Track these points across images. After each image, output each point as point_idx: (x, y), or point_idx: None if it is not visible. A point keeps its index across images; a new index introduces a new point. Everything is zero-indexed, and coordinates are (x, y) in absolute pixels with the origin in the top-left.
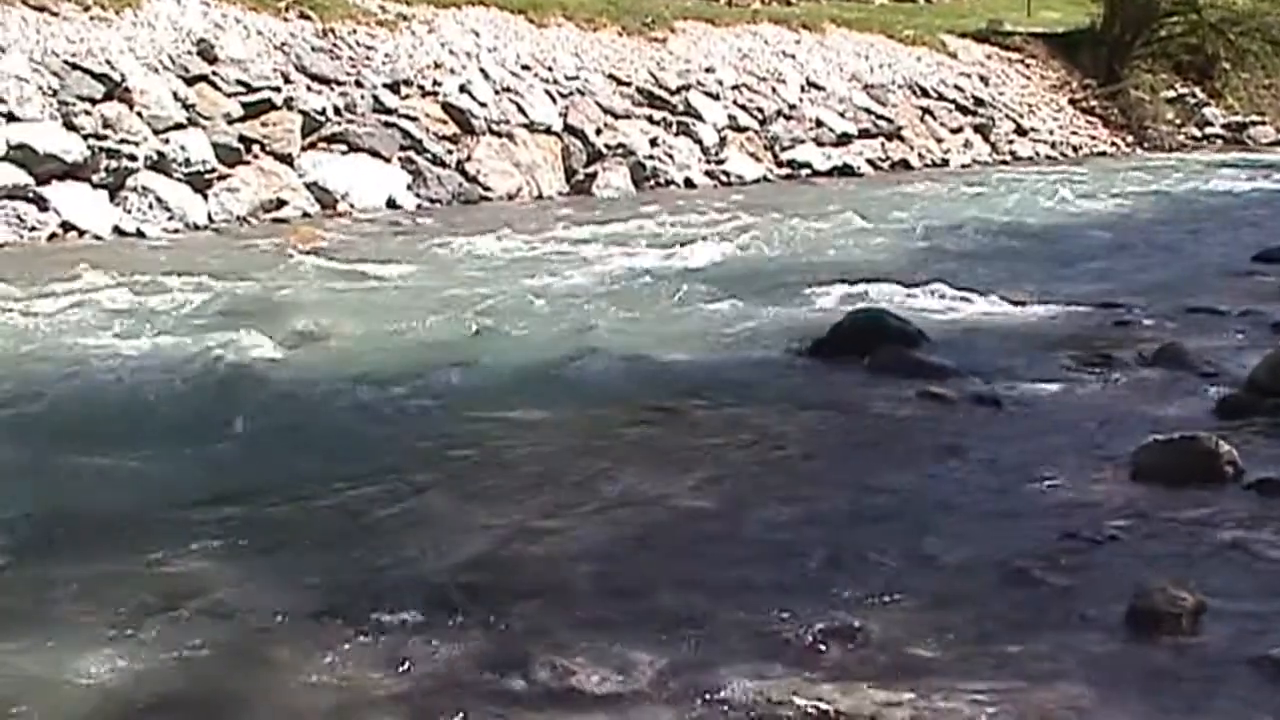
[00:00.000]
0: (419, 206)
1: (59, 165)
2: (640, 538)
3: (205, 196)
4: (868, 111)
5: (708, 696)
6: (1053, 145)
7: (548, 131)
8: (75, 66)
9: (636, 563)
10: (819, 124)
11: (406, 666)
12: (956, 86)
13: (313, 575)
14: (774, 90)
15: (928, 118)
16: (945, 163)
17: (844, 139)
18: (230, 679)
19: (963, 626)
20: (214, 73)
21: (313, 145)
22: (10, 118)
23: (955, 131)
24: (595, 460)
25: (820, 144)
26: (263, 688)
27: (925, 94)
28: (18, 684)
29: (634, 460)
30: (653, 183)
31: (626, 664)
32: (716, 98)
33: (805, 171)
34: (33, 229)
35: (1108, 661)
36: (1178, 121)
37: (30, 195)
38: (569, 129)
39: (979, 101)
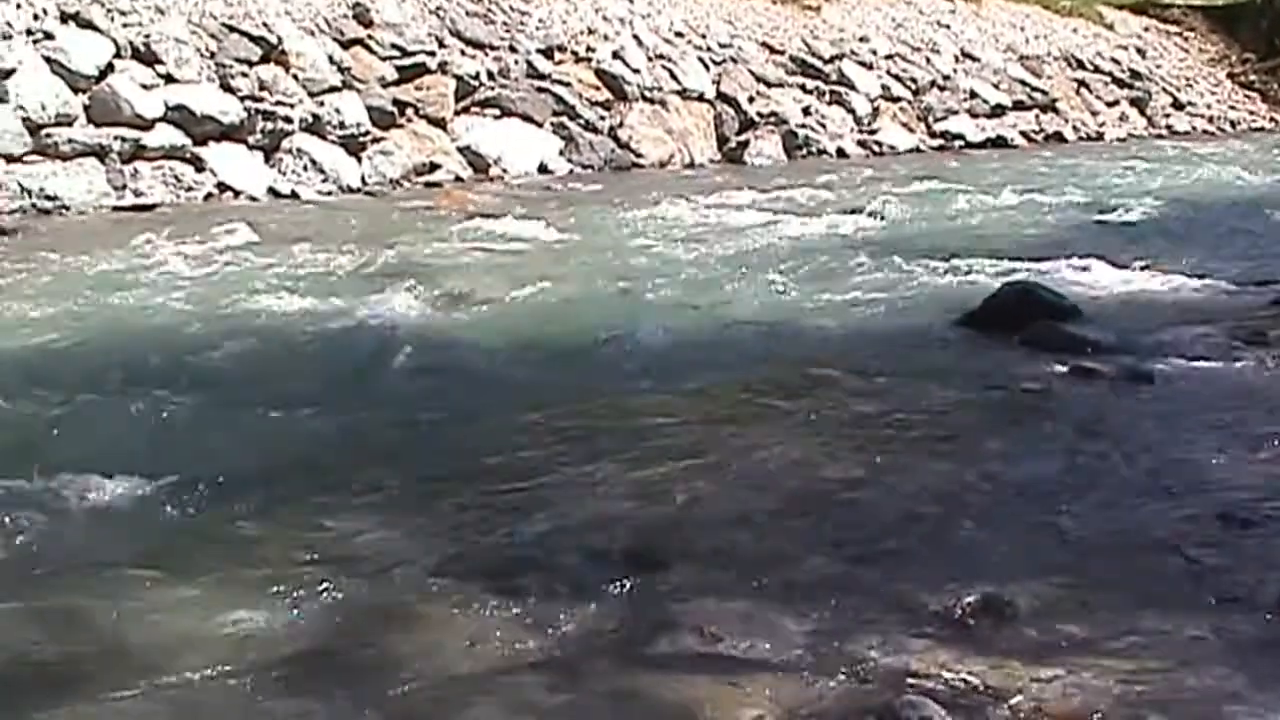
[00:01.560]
0: (571, 172)
1: (216, 126)
2: (788, 505)
3: (359, 159)
4: (1022, 83)
5: (855, 666)
6: (1210, 120)
7: (700, 99)
8: (232, 29)
9: (784, 530)
10: (973, 95)
11: (554, 628)
12: (1113, 59)
13: (463, 535)
14: (928, 60)
15: (1083, 90)
16: (1100, 136)
17: (998, 110)
18: (382, 636)
19: (1112, 604)
20: (369, 36)
21: (466, 109)
22: (169, 79)
23: (1111, 104)
24: (743, 427)
25: (974, 115)
26: (413, 645)
27: (1081, 66)
28: (177, 634)
29: (782, 427)
30: (804, 152)
31: (774, 631)
32: (870, 67)
33: (958, 143)
34: (189, 189)
35: (1260, 643)
36: None
37: (187, 156)
38: (721, 96)
39: (1135, 74)
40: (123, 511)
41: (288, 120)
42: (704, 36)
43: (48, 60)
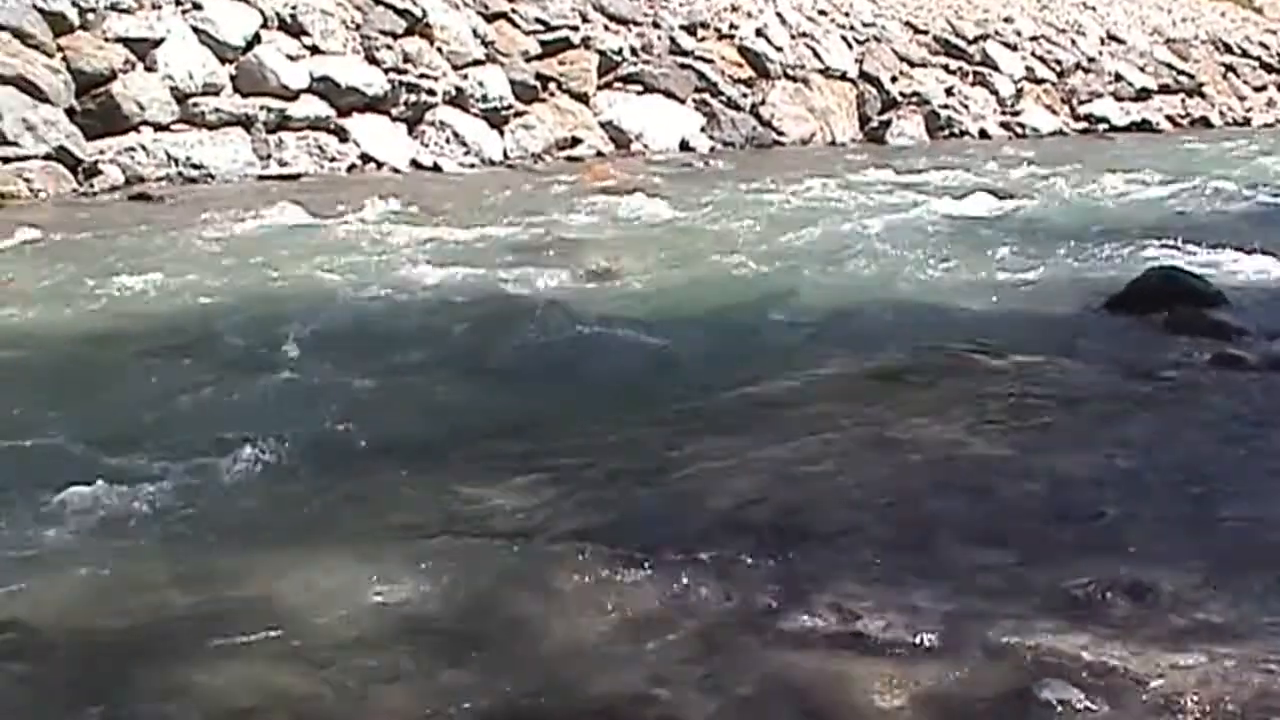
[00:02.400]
0: (712, 149)
1: (360, 98)
2: (926, 485)
3: (501, 133)
4: (1169, 66)
5: (993, 649)
6: None
7: (843, 78)
8: (378, 1)
9: (922, 510)
10: (1118, 78)
11: (688, 602)
12: (1262, 44)
13: (597, 507)
14: (1073, 42)
15: (1230, 74)
16: (1247, 121)
17: (1143, 94)
18: (519, 603)
19: (1256, 592)
20: (513, 10)
21: (608, 85)
22: (314, 50)
23: (1259, 89)
24: (882, 406)
25: (1119, 98)
26: (549, 613)
27: (1228, 50)
28: (318, 597)
29: (921, 407)
30: (947, 132)
31: (911, 611)
32: (1014, 48)
33: (1102, 126)
34: (333, 160)
35: None
36: None
37: (331, 127)
38: (864, 75)
39: None
40: (266, 476)
41: (431, 93)
42: (847, 15)
43: (196, 30)
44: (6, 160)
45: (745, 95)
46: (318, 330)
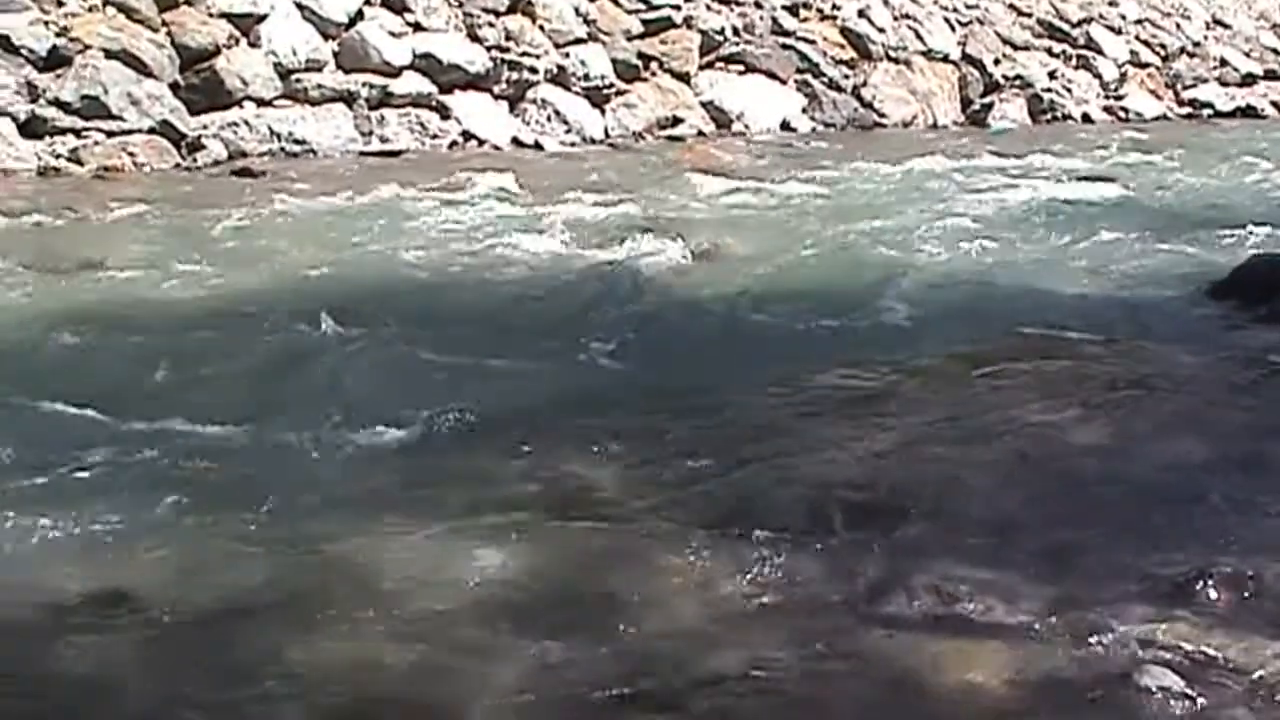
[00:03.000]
0: (813, 130)
1: (462, 75)
2: (1027, 469)
3: (602, 111)
4: (1275, 51)
5: (1092, 634)
6: None
7: (945, 60)
8: None
9: (1022, 494)
10: (1223, 63)
11: (787, 579)
12: None
13: (699, 484)
14: (1177, 26)
15: None
16: None
17: (1248, 79)
18: (615, 579)
19: None
20: None
21: (710, 65)
22: (417, 27)
23: None
24: (981, 388)
25: (1224, 84)
26: (646, 590)
27: None
28: (420, 570)
29: (1021, 390)
30: (1049, 116)
31: (1010, 595)
32: (1118, 32)
33: (1206, 112)
34: (434, 137)
35: None
36: None
37: (433, 104)
38: (967, 58)
39: None
40: (366, 451)
41: (533, 71)
42: None
43: (299, 7)
44: (111, 134)
45: (847, 76)
46: (418, 306)
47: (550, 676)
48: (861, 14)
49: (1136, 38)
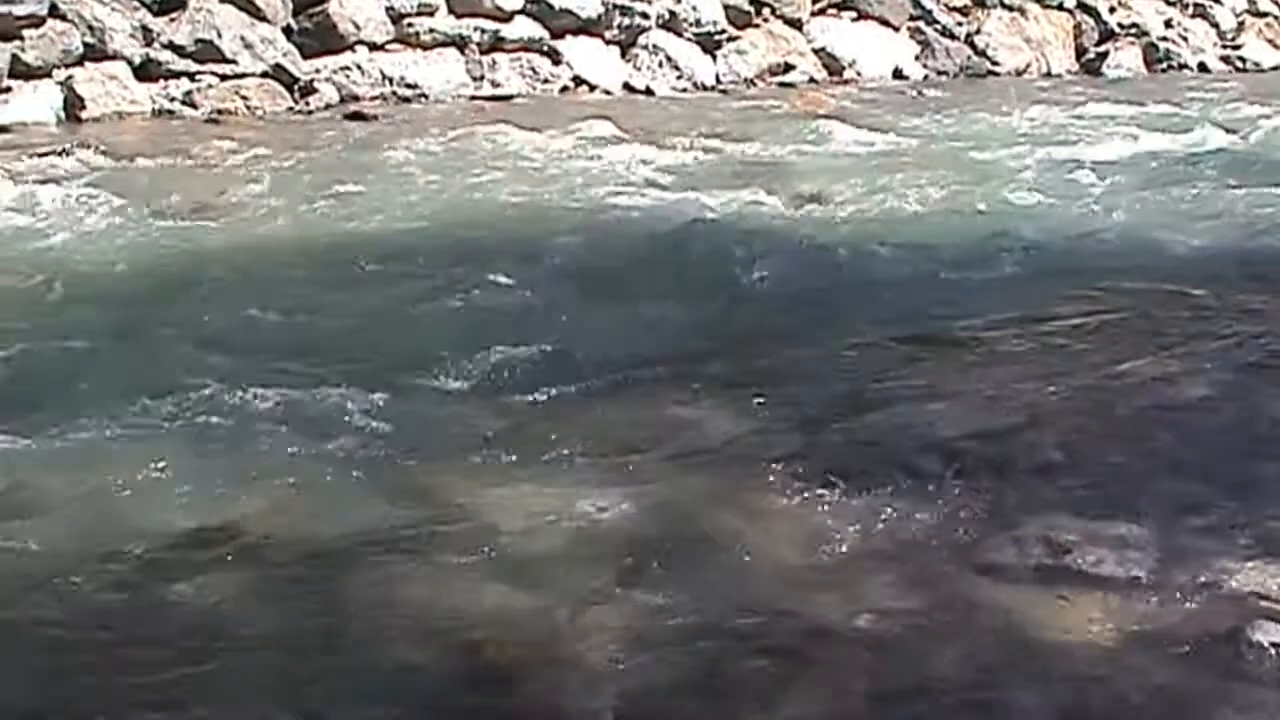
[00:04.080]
0: (925, 78)
1: (573, 20)
2: (1139, 421)
3: (714, 57)
4: None
5: (1202, 588)
6: None
7: (1059, 8)
8: None
9: (1134, 446)
10: None
11: (893, 527)
12: None
13: (807, 430)
14: None
15: None
16: None
17: None
18: (719, 525)
19: None
20: None
21: (822, 11)
22: None
23: None
24: (1094, 339)
25: None
26: (753, 535)
27: None
28: (524, 517)
29: (1135, 342)
30: (1164, 65)
31: (1121, 547)
32: None
33: None
34: (545, 81)
35: None
36: None
37: (545, 49)
38: (1082, 6)
39: None
40: (475, 393)
41: (644, 16)
42: None
43: None
44: (224, 78)
45: (960, 24)
46: (528, 250)
47: (657, 620)
48: None
49: None
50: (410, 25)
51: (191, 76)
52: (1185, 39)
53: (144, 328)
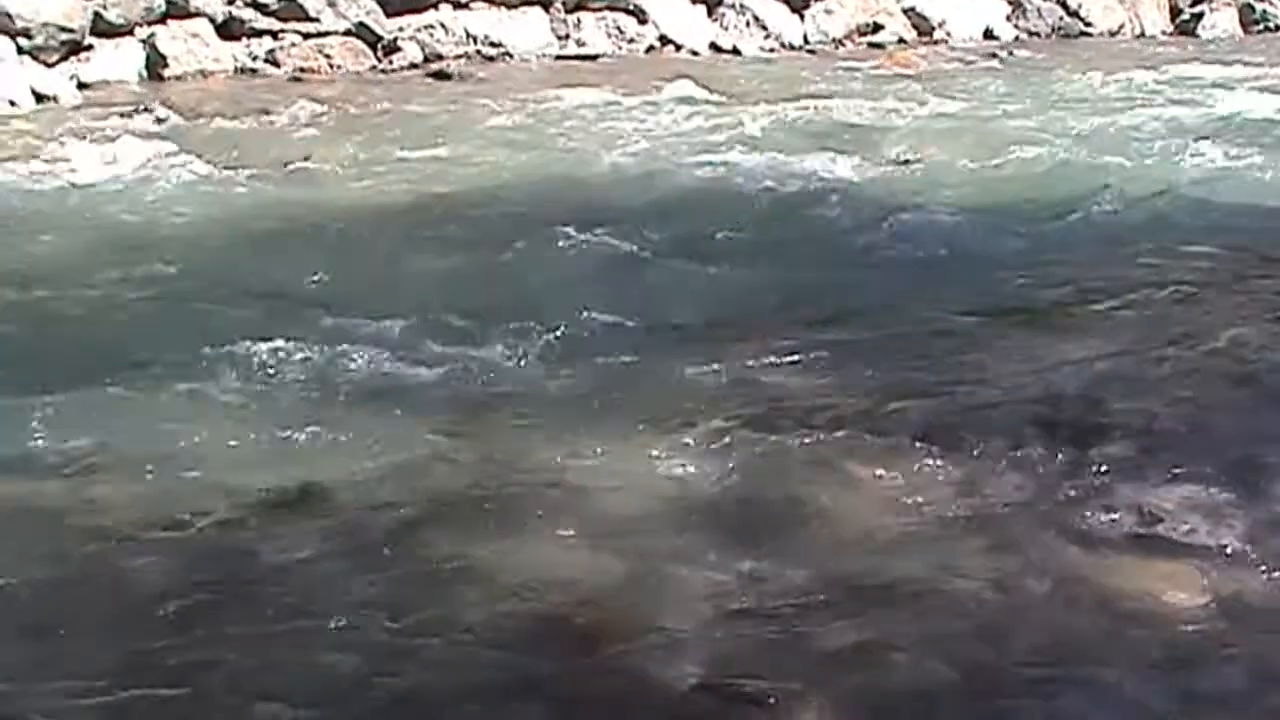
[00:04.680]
0: (1016, 38)
1: None
2: (1233, 389)
3: (802, 17)
4: None
5: None
6: None
7: None
8: None
9: (1227, 415)
10: None
11: (987, 493)
12: None
13: (891, 395)
14: None
15: None
16: None
17: None
18: (804, 489)
19: None
20: None
21: None
22: None
23: None
24: (1188, 306)
25: None
26: (839, 498)
27: None
28: (605, 481)
29: (1229, 310)
30: (1261, 27)
31: (1214, 516)
32: None
33: None
34: (631, 41)
35: None
36: None
37: (630, 8)
38: None
39: None
40: (557, 356)
41: None
42: None
43: None
44: (307, 36)
45: None
46: (611, 210)
47: (742, 584)
48: None
49: None
50: None
51: (274, 35)
52: None
53: (224, 285)
